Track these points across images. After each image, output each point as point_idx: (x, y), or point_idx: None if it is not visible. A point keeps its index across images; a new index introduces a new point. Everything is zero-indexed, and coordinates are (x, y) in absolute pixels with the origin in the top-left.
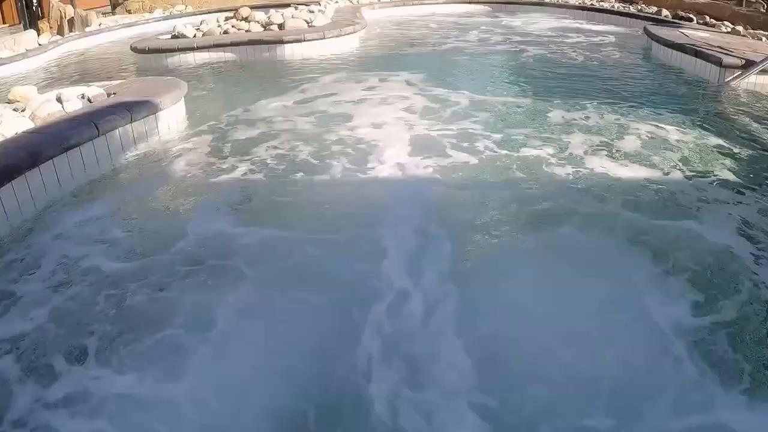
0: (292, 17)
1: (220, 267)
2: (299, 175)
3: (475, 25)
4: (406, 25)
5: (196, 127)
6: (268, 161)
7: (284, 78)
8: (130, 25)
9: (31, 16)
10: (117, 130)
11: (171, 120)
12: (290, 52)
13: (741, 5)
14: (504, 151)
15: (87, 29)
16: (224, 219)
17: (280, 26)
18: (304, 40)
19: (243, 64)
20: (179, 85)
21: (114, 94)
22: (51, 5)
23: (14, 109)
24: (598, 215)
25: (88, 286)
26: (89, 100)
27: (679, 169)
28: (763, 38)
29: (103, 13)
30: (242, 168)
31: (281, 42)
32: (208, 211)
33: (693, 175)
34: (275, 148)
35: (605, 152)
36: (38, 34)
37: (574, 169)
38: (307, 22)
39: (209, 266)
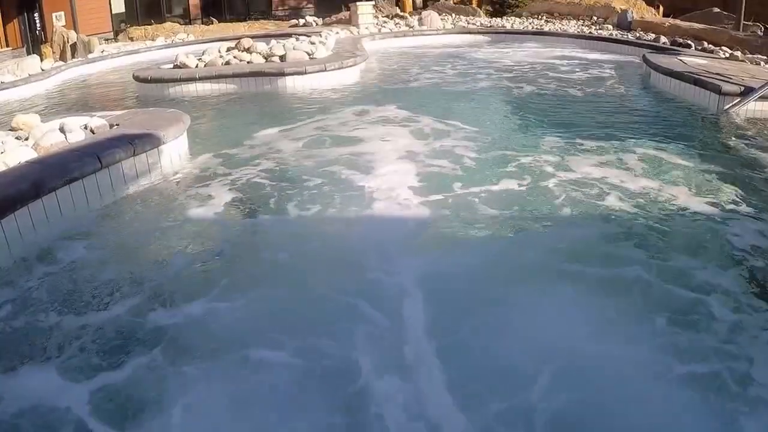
0: (294, 49)
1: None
2: (300, 217)
3: (474, 56)
4: (405, 56)
5: (198, 162)
6: (268, 201)
7: (286, 111)
8: (132, 52)
9: (34, 39)
10: (120, 164)
11: (173, 154)
12: (292, 84)
13: (738, 29)
14: (501, 186)
15: (90, 55)
16: (217, 273)
17: (282, 58)
18: (306, 73)
19: (245, 96)
20: (182, 118)
21: (117, 125)
22: (54, 30)
23: (17, 137)
24: (606, 257)
25: None
26: (92, 131)
27: (682, 202)
28: (761, 62)
29: (105, 39)
30: (243, 208)
31: (283, 74)
32: (200, 258)
33: (695, 208)
34: (277, 187)
35: (606, 186)
36: (41, 59)
37: (573, 206)
38: (308, 54)
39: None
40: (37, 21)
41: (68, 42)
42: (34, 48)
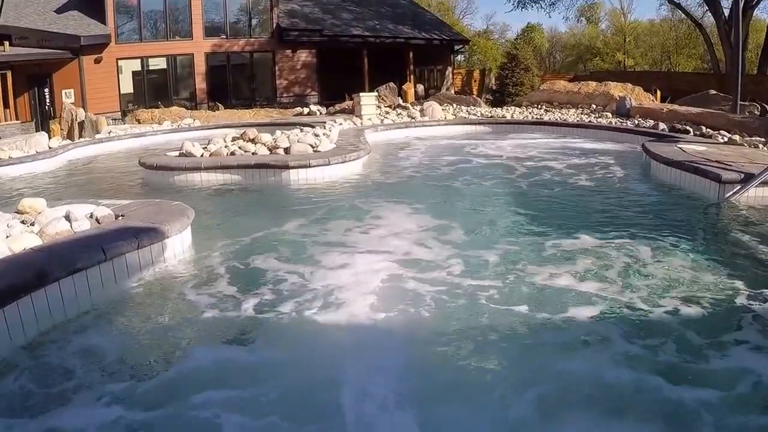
0: (298, 141)
1: None
2: (300, 320)
3: (474, 147)
4: (408, 148)
5: (201, 258)
6: (268, 304)
7: (290, 206)
8: (138, 135)
9: (43, 115)
10: (124, 256)
11: (177, 248)
12: (296, 177)
13: (735, 111)
14: (501, 292)
15: (97, 136)
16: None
17: (286, 150)
18: (310, 166)
19: (249, 188)
20: (186, 212)
21: (122, 216)
22: (63, 107)
23: (23, 221)
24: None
25: None
26: (97, 221)
27: (686, 302)
28: (759, 145)
29: (113, 119)
30: (244, 309)
31: (287, 167)
32: (198, 360)
33: (699, 308)
34: (278, 289)
35: (607, 287)
36: (49, 136)
37: (572, 312)
38: (313, 147)
39: None
40: (47, 97)
41: (76, 120)
42: (43, 123)
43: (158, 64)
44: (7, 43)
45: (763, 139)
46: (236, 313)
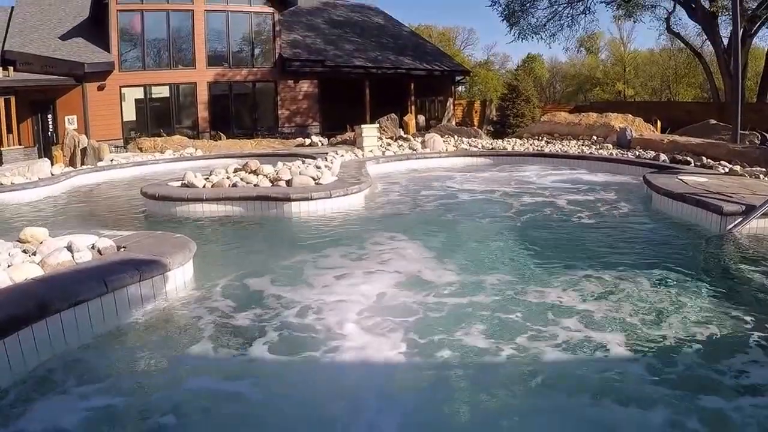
0: (300, 173)
1: None
2: (300, 358)
3: (475, 180)
4: (409, 180)
5: (202, 291)
6: (269, 341)
7: (292, 239)
8: (140, 163)
9: (46, 140)
10: (125, 289)
11: (179, 281)
12: (297, 209)
13: (735, 141)
14: (502, 338)
15: (99, 163)
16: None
17: (288, 182)
18: (311, 199)
19: (251, 220)
20: (188, 245)
21: (124, 247)
22: (66, 133)
23: (24, 251)
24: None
25: None
26: (99, 252)
27: (689, 340)
28: (761, 176)
29: (115, 147)
30: (244, 345)
31: (289, 199)
32: (197, 399)
33: (703, 346)
34: (279, 325)
35: (608, 324)
36: (52, 162)
37: (573, 352)
38: (314, 179)
39: None
40: (51, 123)
41: (79, 146)
42: (46, 149)
43: (161, 92)
44: (11, 68)
45: (763, 169)
46: (236, 350)
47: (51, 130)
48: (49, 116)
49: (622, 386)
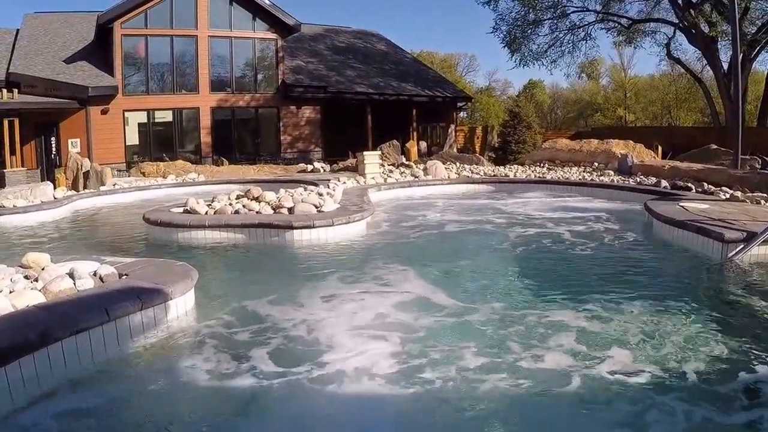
0: (302, 201)
1: None
2: (301, 393)
3: (477, 208)
4: (412, 207)
5: (203, 320)
6: (270, 375)
7: (295, 267)
8: (143, 188)
9: (49, 163)
10: (127, 317)
11: (180, 309)
12: (299, 237)
13: (736, 167)
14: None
15: (102, 188)
16: None
17: (290, 210)
18: (313, 227)
19: (253, 248)
20: (190, 273)
21: (126, 275)
22: (69, 156)
23: (26, 277)
24: None
25: None
26: (101, 279)
27: (692, 372)
28: (762, 201)
29: (118, 170)
30: (244, 379)
31: (291, 227)
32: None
33: (706, 374)
34: (280, 358)
35: (608, 358)
36: (55, 185)
37: (576, 380)
38: (316, 207)
39: None
40: (54, 145)
41: (81, 169)
42: (49, 171)
43: (164, 116)
44: (15, 90)
45: (765, 195)
46: (236, 384)
47: (54, 152)
48: (53, 139)
49: (619, 418)
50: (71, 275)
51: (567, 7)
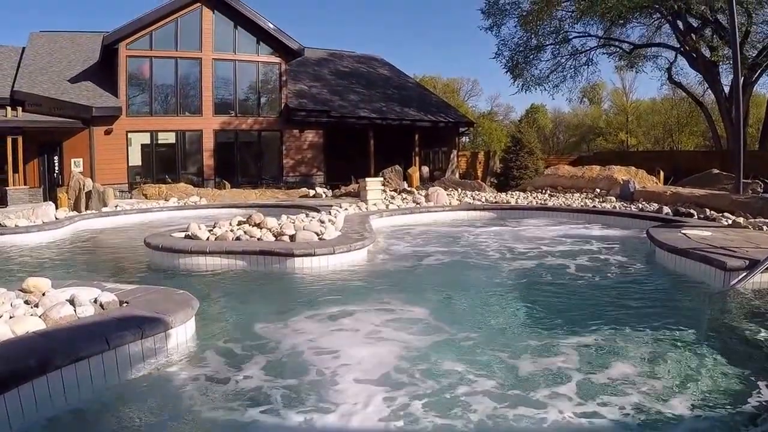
0: (304, 228)
1: None
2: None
3: (478, 236)
4: (413, 235)
5: (203, 351)
6: (271, 407)
7: (296, 295)
8: (144, 210)
9: (51, 182)
10: (127, 346)
11: (180, 339)
12: (300, 265)
13: (738, 192)
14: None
15: (104, 209)
16: None
17: (292, 237)
18: (315, 255)
19: (254, 275)
20: (190, 302)
21: (126, 303)
22: (72, 175)
23: (26, 302)
24: None
25: None
26: (102, 306)
27: (694, 401)
28: (764, 227)
29: (120, 191)
30: (245, 409)
31: (292, 255)
32: None
33: (709, 406)
34: (280, 389)
35: (607, 389)
36: (57, 205)
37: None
38: (318, 234)
39: None
40: (56, 164)
41: (84, 189)
42: (51, 190)
43: (167, 138)
44: (20, 108)
45: (767, 221)
46: (236, 415)
47: (57, 171)
48: (56, 158)
49: None
50: (72, 302)
51: (569, 33)
